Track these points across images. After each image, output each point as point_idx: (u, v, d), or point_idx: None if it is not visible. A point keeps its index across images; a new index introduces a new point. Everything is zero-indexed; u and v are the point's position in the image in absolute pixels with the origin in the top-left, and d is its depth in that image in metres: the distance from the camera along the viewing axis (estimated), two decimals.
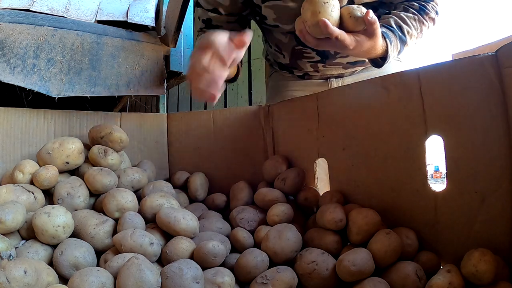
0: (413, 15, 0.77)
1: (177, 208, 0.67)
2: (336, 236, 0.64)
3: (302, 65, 0.96)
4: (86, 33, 0.95)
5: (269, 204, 0.72)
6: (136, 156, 0.93)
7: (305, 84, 1.00)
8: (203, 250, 0.58)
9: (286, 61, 0.97)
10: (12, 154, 0.78)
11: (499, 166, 0.54)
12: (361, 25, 0.65)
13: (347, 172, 0.74)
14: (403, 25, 0.76)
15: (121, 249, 0.57)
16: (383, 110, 0.68)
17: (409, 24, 0.76)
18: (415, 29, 0.77)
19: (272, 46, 0.98)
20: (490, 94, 0.55)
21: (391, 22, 0.76)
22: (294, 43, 0.91)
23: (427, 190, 0.62)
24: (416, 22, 0.78)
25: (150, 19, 1.11)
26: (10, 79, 0.83)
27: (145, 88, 1.01)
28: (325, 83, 0.99)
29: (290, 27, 0.83)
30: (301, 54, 0.92)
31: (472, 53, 0.59)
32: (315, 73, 0.97)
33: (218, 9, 0.82)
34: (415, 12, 0.78)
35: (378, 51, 0.71)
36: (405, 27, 0.76)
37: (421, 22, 0.78)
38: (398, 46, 0.76)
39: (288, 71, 1.01)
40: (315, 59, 0.93)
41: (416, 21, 0.78)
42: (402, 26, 0.76)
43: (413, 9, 0.78)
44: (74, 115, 0.88)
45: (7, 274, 0.45)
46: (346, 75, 0.98)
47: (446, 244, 0.60)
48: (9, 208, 0.56)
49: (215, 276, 0.55)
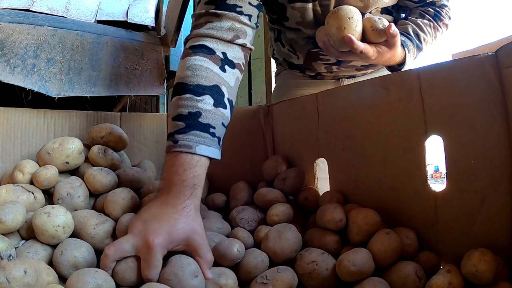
0: (428, 21, 0.81)
1: None
2: (336, 236, 0.64)
3: (316, 67, 0.95)
4: (86, 33, 0.95)
5: (269, 204, 0.72)
6: (136, 156, 0.93)
7: (316, 83, 0.99)
8: (229, 256, 0.57)
9: (299, 62, 0.96)
10: (12, 154, 0.78)
11: (499, 166, 0.54)
12: (382, 37, 0.67)
13: (347, 172, 0.74)
14: (420, 33, 0.79)
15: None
16: (383, 110, 0.68)
17: (425, 31, 0.80)
18: (430, 35, 0.81)
19: (285, 45, 0.96)
20: (490, 94, 0.55)
21: (409, 29, 0.79)
22: (310, 46, 0.90)
23: (427, 190, 0.62)
24: (432, 29, 0.81)
25: (150, 19, 1.11)
26: (10, 79, 0.83)
27: (145, 88, 1.01)
28: (336, 83, 0.99)
29: (312, 32, 0.83)
30: (317, 56, 0.92)
31: (472, 53, 0.59)
32: (328, 73, 0.97)
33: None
34: (431, 18, 0.81)
35: (397, 59, 0.74)
36: (422, 34, 0.79)
37: (436, 28, 0.82)
38: (415, 53, 0.79)
39: (300, 70, 1.00)
40: (330, 61, 0.92)
41: (432, 27, 0.81)
42: (419, 34, 0.79)
43: (428, 15, 0.81)
44: (74, 115, 0.88)
45: (7, 274, 0.45)
46: (358, 76, 0.98)
47: (446, 244, 0.60)
48: (9, 208, 0.56)
49: (219, 277, 0.55)
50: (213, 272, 0.56)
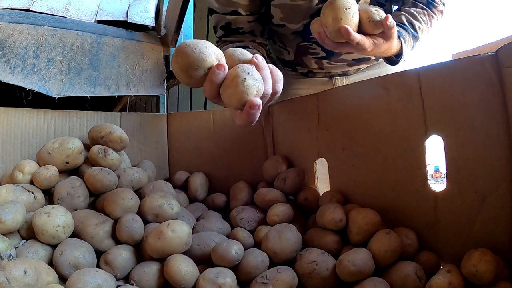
0: (422, 10, 0.81)
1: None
2: (336, 236, 0.64)
3: (307, 62, 0.95)
4: (86, 33, 0.95)
5: (269, 204, 0.72)
6: (136, 156, 0.93)
7: (309, 82, 1.00)
8: (227, 258, 0.57)
9: (290, 57, 0.97)
10: (12, 154, 0.78)
11: (499, 166, 0.54)
12: (379, 28, 0.66)
13: (347, 172, 0.74)
14: (414, 22, 0.78)
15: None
16: (383, 110, 0.68)
17: (419, 19, 0.79)
18: (425, 23, 0.80)
19: (276, 42, 0.98)
20: (490, 94, 0.55)
21: (403, 19, 0.78)
22: (299, 40, 0.91)
23: (427, 190, 0.62)
24: (426, 16, 0.80)
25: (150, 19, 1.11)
26: (10, 79, 0.83)
27: (145, 88, 1.01)
28: (329, 82, 0.99)
29: (297, 27, 0.84)
30: (306, 50, 0.92)
31: (472, 53, 0.59)
32: (319, 70, 0.97)
33: (238, 10, 0.81)
34: (424, 6, 0.80)
35: (394, 51, 0.74)
36: (416, 23, 0.78)
37: (431, 16, 0.81)
38: (412, 43, 0.78)
39: (292, 68, 1.01)
40: (320, 55, 0.92)
41: (426, 15, 0.80)
42: (413, 23, 0.78)
43: (421, 3, 0.80)
44: (74, 115, 0.88)
45: (7, 274, 0.45)
46: (350, 73, 0.97)
47: (446, 244, 0.60)
48: (9, 208, 0.56)
49: (217, 276, 0.55)
50: (211, 271, 0.56)
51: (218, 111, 0.95)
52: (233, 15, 0.81)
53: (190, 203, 0.86)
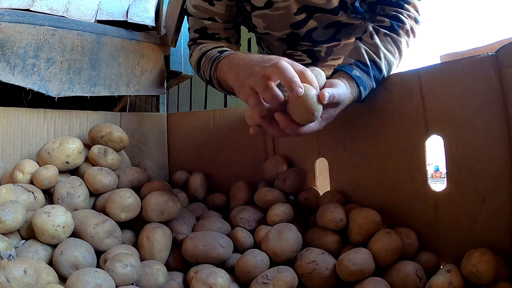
0: (384, 36, 0.68)
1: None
2: (336, 236, 0.64)
3: None
4: (86, 32, 0.94)
5: (269, 204, 0.72)
6: (136, 156, 0.93)
7: None
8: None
9: None
10: (12, 154, 0.78)
11: (499, 166, 0.54)
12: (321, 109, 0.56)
13: (347, 172, 0.74)
14: (377, 60, 0.67)
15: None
16: (384, 110, 0.68)
17: (382, 54, 0.68)
18: (392, 54, 0.68)
19: (264, 48, 0.99)
20: (490, 94, 0.55)
21: (365, 58, 0.67)
22: (285, 47, 0.91)
23: (427, 190, 0.62)
24: (391, 45, 0.69)
25: (150, 19, 1.11)
26: (10, 79, 0.83)
27: (145, 88, 1.01)
28: None
29: (280, 34, 0.84)
30: (292, 58, 0.91)
31: (462, 55, 0.59)
32: None
33: (214, 17, 0.81)
34: (387, 32, 0.68)
35: (353, 99, 0.65)
36: (378, 62, 0.67)
37: (396, 42, 0.69)
38: (373, 85, 0.68)
39: None
40: (306, 61, 0.92)
41: (391, 43, 0.69)
42: (375, 61, 0.67)
43: (384, 28, 0.68)
44: (74, 115, 0.88)
45: (7, 274, 0.45)
46: None
47: (446, 244, 0.60)
48: (9, 208, 0.56)
49: (208, 276, 0.55)
50: (203, 271, 0.56)
51: (218, 111, 0.95)
52: (210, 21, 0.81)
53: (190, 203, 0.86)
